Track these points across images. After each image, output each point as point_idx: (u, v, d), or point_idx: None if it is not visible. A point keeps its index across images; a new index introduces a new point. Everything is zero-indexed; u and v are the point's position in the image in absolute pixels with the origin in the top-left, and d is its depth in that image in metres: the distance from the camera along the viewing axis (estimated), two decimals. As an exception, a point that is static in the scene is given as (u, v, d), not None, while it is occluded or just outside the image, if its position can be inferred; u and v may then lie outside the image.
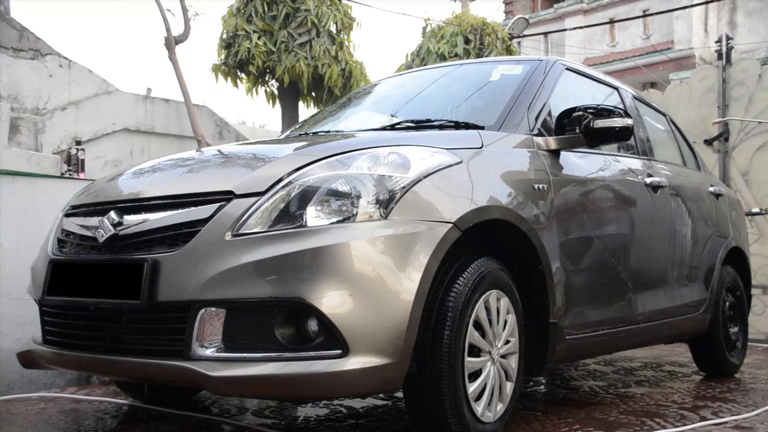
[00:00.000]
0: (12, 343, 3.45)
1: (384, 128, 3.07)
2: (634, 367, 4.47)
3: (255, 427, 2.73)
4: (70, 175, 5.29)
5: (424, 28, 9.73)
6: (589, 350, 3.18)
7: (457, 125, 2.91)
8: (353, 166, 2.22)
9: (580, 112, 2.87)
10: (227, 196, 2.18)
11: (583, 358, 4.33)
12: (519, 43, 20.50)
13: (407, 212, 2.18)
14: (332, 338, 2.02)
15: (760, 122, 5.74)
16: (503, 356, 2.49)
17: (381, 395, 3.32)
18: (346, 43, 8.32)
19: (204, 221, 2.14)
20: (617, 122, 2.82)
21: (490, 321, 2.43)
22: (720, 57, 6.58)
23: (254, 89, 8.40)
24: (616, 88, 3.76)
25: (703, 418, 2.98)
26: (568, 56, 21.24)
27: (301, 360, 2.01)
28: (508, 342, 2.52)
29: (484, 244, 2.58)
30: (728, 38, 6.68)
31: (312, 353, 2.02)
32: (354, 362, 2.00)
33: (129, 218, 2.31)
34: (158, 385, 3.09)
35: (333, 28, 8.19)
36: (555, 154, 2.91)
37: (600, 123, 2.82)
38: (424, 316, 2.17)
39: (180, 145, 6.57)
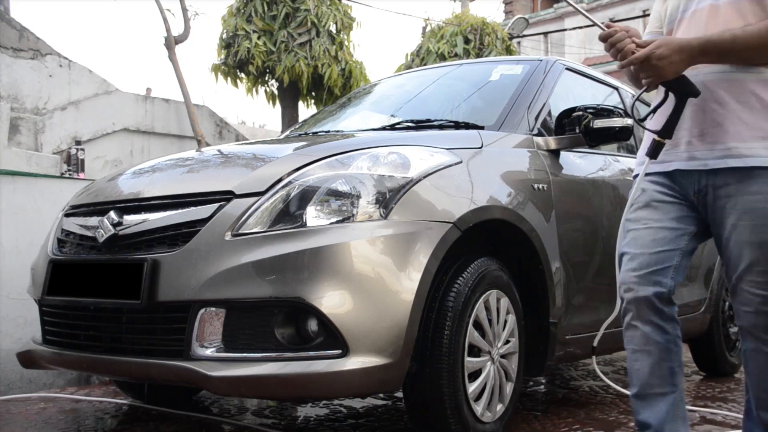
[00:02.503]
0: (12, 343, 3.45)
1: (384, 128, 3.07)
2: (634, 367, 4.46)
3: (255, 427, 2.73)
4: (70, 175, 5.29)
5: (424, 28, 9.74)
6: (590, 350, 3.17)
7: (457, 125, 2.91)
8: (353, 166, 2.22)
9: (580, 112, 2.86)
10: (227, 196, 2.18)
11: (583, 358, 4.31)
12: (519, 43, 20.50)
13: (407, 212, 2.18)
14: (332, 338, 2.02)
15: None
16: (503, 356, 2.49)
17: (381, 395, 3.32)
18: (346, 43, 8.32)
19: (204, 221, 2.14)
20: (617, 122, 2.82)
21: (490, 321, 2.43)
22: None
23: (254, 89, 8.40)
24: (616, 88, 3.76)
25: (703, 418, 2.98)
26: (568, 56, 21.23)
27: (301, 360, 2.01)
28: (508, 342, 2.52)
29: (484, 244, 2.58)
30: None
31: (312, 353, 2.02)
32: (354, 362, 2.00)
33: (129, 218, 2.31)
34: (158, 385, 3.09)
35: (333, 28, 8.19)
36: (555, 154, 2.91)
37: (600, 123, 2.82)
38: (424, 316, 2.17)
39: (180, 145, 6.57)
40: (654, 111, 1.94)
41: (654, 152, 1.90)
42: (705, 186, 1.91)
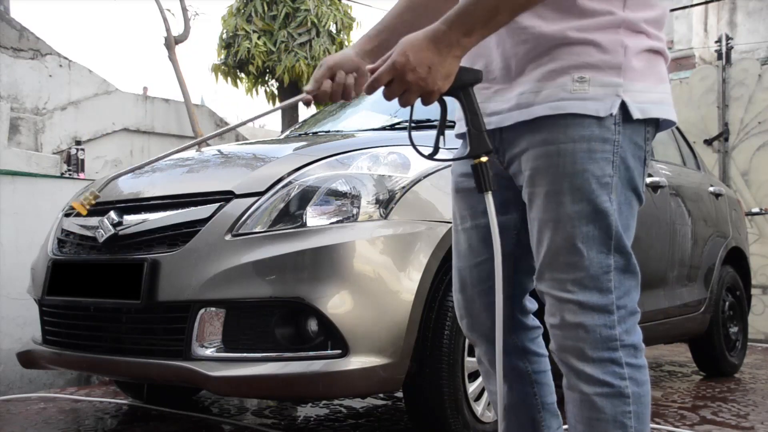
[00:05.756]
0: (12, 343, 3.44)
1: (384, 128, 3.07)
2: (634, 367, 4.46)
3: (255, 427, 2.73)
4: (70, 175, 5.28)
5: (424, 28, 9.71)
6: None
7: (457, 125, 2.91)
8: (353, 166, 2.22)
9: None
10: (227, 196, 2.18)
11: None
12: (519, 43, 20.44)
13: (407, 212, 2.18)
14: (332, 338, 2.02)
15: None
16: (503, 356, 2.49)
17: (381, 395, 3.32)
18: (346, 43, 8.31)
19: (204, 221, 2.14)
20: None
21: (490, 321, 2.42)
22: (720, 57, 6.58)
23: (254, 89, 8.41)
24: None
25: (703, 418, 2.98)
26: (568, 56, 21.13)
27: (301, 360, 2.01)
28: (508, 342, 2.51)
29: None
30: (728, 38, 6.68)
31: (312, 353, 2.02)
32: (354, 362, 2.00)
33: (129, 218, 2.31)
34: (158, 385, 3.09)
35: (333, 28, 8.19)
36: (555, 154, 2.90)
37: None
38: (424, 316, 2.17)
39: (180, 145, 6.56)
40: (442, 134, 1.32)
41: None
42: (499, 147, 1.34)
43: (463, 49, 1.18)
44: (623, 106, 1.21)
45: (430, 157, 1.32)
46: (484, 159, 1.23)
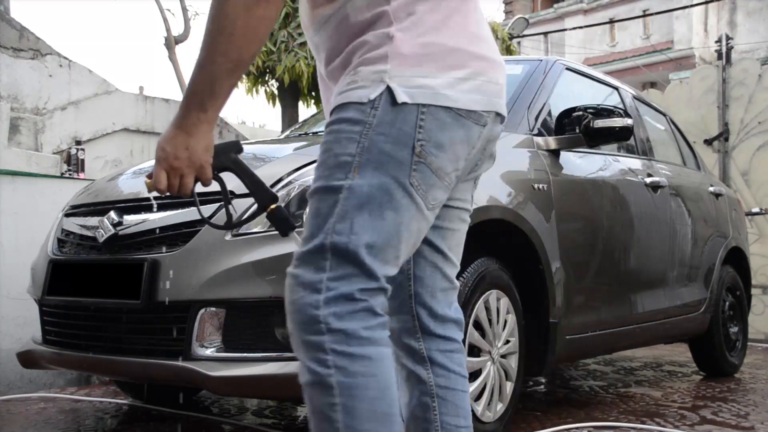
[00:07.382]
0: (12, 343, 3.44)
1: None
2: (634, 367, 4.47)
3: (255, 427, 2.73)
4: (70, 175, 5.28)
5: (424, 28, 9.70)
6: (589, 350, 3.17)
7: (457, 125, 2.91)
8: (353, 166, 2.21)
9: (580, 112, 2.86)
10: (227, 196, 2.17)
11: (583, 358, 4.31)
12: (519, 43, 20.48)
13: (407, 212, 2.18)
14: (332, 338, 2.01)
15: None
16: (503, 356, 2.49)
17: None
18: (346, 42, 8.31)
19: (204, 221, 2.14)
20: (617, 122, 2.82)
21: (490, 321, 2.42)
22: (720, 57, 6.58)
23: (254, 89, 8.40)
24: (616, 88, 3.76)
25: (703, 418, 2.98)
26: (568, 56, 21.21)
27: (301, 360, 2.00)
28: (508, 342, 2.52)
29: (484, 244, 2.57)
30: (728, 38, 6.68)
31: (312, 353, 2.02)
32: (354, 362, 2.00)
33: (129, 218, 2.31)
34: (158, 385, 3.09)
35: (333, 28, 8.18)
36: (555, 154, 2.91)
37: (600, 123, 2.82)
38: (424, 316, 2.17)
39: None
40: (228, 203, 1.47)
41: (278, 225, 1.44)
42: None
43: (208, 122, 1.24)
44: (390, 92, 1.18)
45: (229, 227, 1.46)
46: (273, 206, 1.38)
